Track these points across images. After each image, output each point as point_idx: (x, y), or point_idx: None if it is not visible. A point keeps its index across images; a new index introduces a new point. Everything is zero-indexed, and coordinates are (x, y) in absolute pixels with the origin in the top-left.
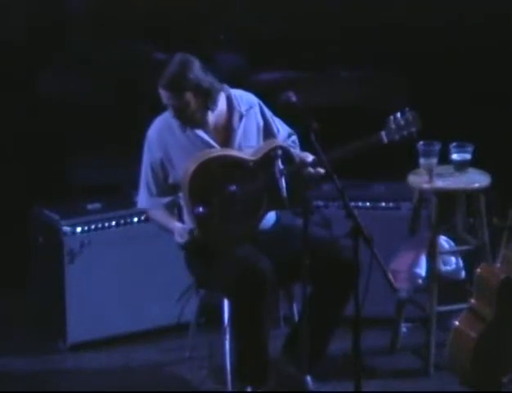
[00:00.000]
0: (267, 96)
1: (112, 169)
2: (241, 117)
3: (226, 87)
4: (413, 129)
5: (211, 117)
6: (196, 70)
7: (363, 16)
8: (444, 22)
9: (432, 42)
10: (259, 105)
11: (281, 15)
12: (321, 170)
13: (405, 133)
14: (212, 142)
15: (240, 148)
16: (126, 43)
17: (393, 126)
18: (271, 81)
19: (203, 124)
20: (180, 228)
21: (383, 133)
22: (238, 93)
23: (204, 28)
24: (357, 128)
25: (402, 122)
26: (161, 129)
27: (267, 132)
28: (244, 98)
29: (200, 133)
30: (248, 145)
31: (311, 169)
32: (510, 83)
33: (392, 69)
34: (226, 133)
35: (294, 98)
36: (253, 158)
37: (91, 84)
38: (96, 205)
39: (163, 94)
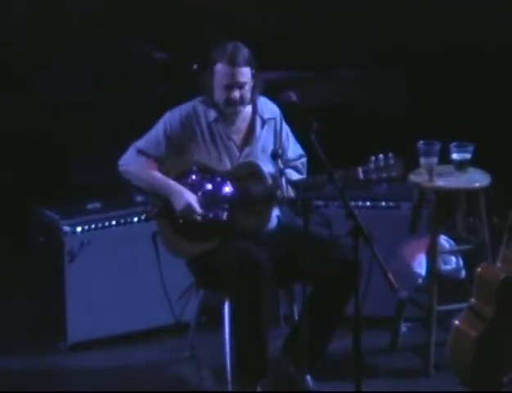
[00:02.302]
0: (267, 96)
1: (112, 169)
2: (263, 123)
3: None
4: (393, 174)
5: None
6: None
7: (363, 16)
8: (444, 22)
9: (432, 42)
10: (280, 117)
11: (281, 16)
12: (291, 193)
13: (383, 175)
14: (232, 141)
15: (257, 154)
16: (126, 43)
17: (372, 166)
18: (271, 81)
19: (232, 121)
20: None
21: (360, 170)
22: (263, 100)
23: (204, 28)
24: (356, 128)
25: (382, 164)
26: (184, 115)
27: (279, 146)
28: (269, 107)
29: (224, 129)
30: (265, 152)
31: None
32: (510, 83)
33: (392, 69)
34: (247, 136)
35: (294, 98)
36: (225, 169)
37: (91, 84)
38: (96, 205)
39: (227, 71)
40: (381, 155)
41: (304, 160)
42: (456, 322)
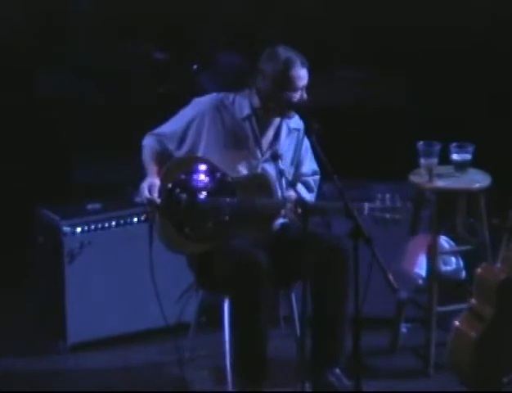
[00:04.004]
0: None
1: (112, 169)
2: (289, 132)
3: None
4: (397, 217)
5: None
6: None
7: (363, 17)
8: (445, 22)
9: (432, 43)
10: (303, 130)
11: (281, 16)
12: (299, 211)
13: (387, 216)
14: (257, 143)
15: None
16: (126, 43)
17: (378, 204)
18: None
19: (264, 123)
20: (151, 182)
21: (366, 205)
22: None
23: (204, 28)
24: (357, 128)
25: (389, 204)
26: (214, 104)
27: (297, 159)
28: (295, 117)
29: (254, 129)
30: (284, 161)
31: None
32: (510, 84)
33: (392, 69)
34: (272, 141)
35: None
36: (233, 175)
37: (91, 84)
38: (96, 205)
39: (304, 73)
40: (388, 195)
41: (317, 177)
42: (456, 322)
